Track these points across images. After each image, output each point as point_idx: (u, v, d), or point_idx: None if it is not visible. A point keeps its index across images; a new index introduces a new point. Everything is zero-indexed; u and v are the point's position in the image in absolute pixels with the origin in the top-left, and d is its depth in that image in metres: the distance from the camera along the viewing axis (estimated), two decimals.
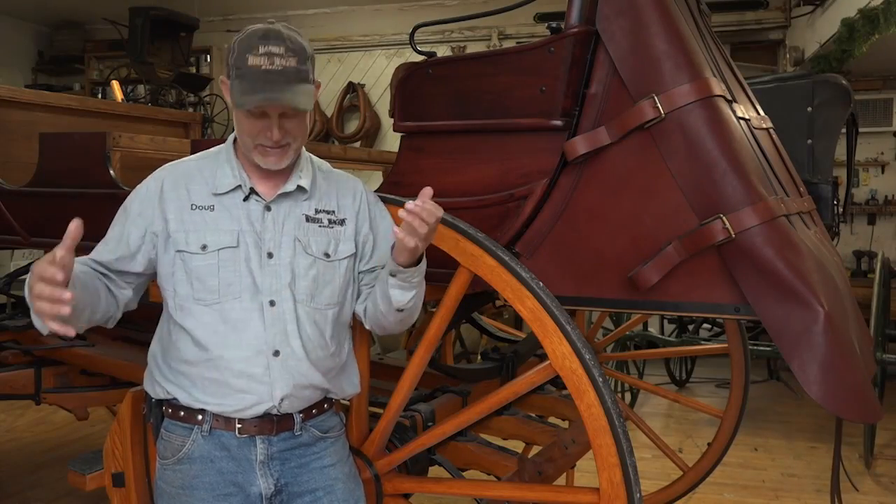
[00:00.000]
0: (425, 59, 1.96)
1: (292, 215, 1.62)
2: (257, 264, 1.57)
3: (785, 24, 6.89)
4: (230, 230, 1.57)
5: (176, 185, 1.61)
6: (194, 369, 1.57)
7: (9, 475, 3.97)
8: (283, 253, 1.59)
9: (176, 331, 1.59)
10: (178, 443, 1.60)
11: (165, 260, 1.59)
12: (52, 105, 3.24)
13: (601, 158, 1.73)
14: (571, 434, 2.31)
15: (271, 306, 1.56)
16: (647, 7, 1.68)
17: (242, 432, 1.58)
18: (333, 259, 1.64)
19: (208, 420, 1.58)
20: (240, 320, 1.55)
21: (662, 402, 5.61)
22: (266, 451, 1.60)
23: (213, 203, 1.59)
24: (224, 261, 1.56)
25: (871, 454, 4.34)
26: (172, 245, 1.57)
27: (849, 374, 1.53)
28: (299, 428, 1.62)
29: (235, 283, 1.56)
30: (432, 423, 2.17)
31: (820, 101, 3.24)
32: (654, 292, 1.66)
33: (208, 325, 1.55)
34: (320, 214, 1.65)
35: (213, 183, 1.60)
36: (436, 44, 7.15)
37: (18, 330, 3.26)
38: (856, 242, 7.08)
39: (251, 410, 1.57)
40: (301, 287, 1.59)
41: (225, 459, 1.59)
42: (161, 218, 1.59)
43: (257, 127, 1.52)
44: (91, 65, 8.55)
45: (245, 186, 1.59)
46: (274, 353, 1.56)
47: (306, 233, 1.62)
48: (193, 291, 1.55)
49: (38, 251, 3.26)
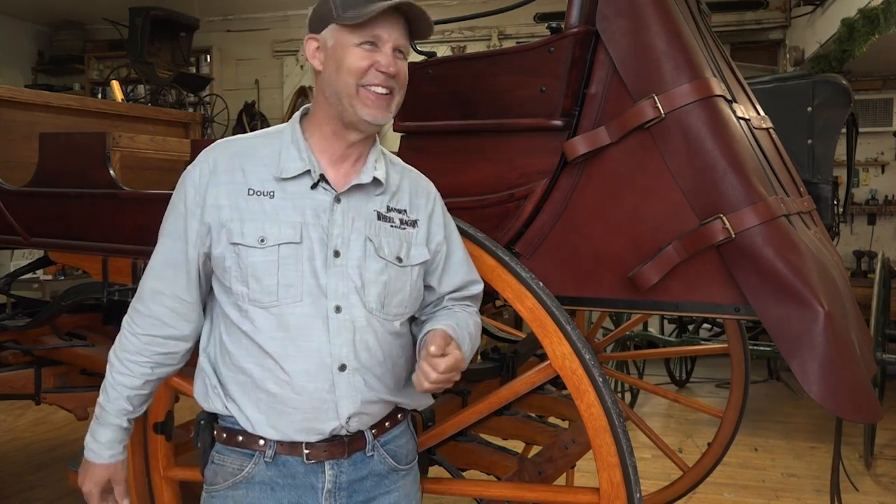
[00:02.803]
0: (425, 59, 1.96)
1: (364, 211, 1.43)
2: (322, 264, 1.37)
3: (785, 24, 6.89)
4: (293, 222, 1.37)
5: (230, 165, 1.40)
6: (246, 378, 1.39)
7: (9, 475, 3.97)
8: (351, 253, 1.39)
9: (233, 333, 1.41)
10: (235, 466, 1.43)
11: (218, 252, 1.39)
12: (52, 105, 3.24)
13: (601, 158, 1.73)
14: (571, 434, 2.32)
15: (337, 312, 1.37)
16: (647, 7, 1.68)
17: (311, 458, 1.40)
18: (406, 264, 1.45)
19: (272, 445, 1.40)
20: (301, 327, 1.36)
21: (662, 402, 5.61)
22: (335, 478, 1.42)
23: (273, 189, 1.39)
24: (284, 258, 1.36)
25: (871, 454, 4.34)
26: (226, 235, 1.37)
27: (849, 374, 1.53)
28: (371, 447, 1.45)
29: (296, 285, 1.36)
30: (432, 423, 2.17)
31: (820, 101, 3.24)
32: (654, 292, 1.66)
33: (264, 332, 1.36)
34: (392, 213, 1.47)
35: (277, 165, 1.40)
36: (436, 44, 7.16)
37: (18, 330, 3.26)
38: (856, 242, 7.08)
39: (316, 431, 1.39)
40: (371, 293, 1.40)
41: (287, 488, 1.41)
42: (214, 206, 1.39)
43: (367, 59, 1.36)
44: (91, 65, 8.56)
45: (315, 172, 1.40)
46: (340, 368, 1.37)
47: (378, 232, 1.43)
48: (249, 291, 1.36)
49: (38, 251, 3.25)
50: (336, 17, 1.38)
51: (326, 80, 1.40)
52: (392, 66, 1.38)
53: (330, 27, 1.40)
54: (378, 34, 1.37)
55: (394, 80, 1.40)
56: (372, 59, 1.37)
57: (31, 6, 7.92)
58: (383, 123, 1.43)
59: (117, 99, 6.50)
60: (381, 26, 1.37)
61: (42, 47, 8.67)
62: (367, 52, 1.37)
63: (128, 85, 7.84)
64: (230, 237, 1.37)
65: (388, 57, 1.38)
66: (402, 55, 1.42)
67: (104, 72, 8.35)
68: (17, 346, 3.23)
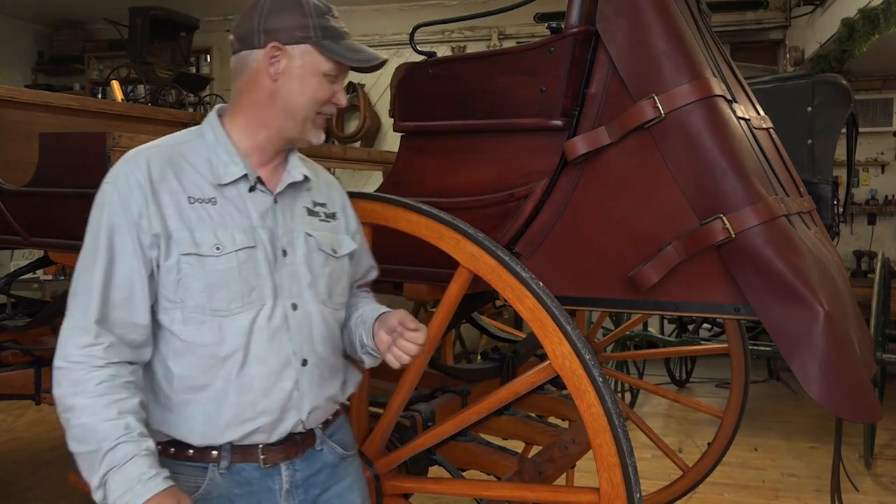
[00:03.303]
0: (425, 59, 1.96)
1: (298, 208, 1.48)
2: (274, 265, 1.40)
3: (785, 24, 6.89)
4: (243, 226, 1.38)
5: (164, 173, 1.35)
6: (207, 395, 1.35)
7: (9, 475, 3.97)
8: (297, 250, 1.44)
9: (181, 353, 1.35)
10: (191, 484, 1.37)
11: (167, 266, 1.33)
12: (52, 105, 3.23)
13: (601, 158, 1.73)
14: (571, 434, 2.31)
15: (294, 310, 1.41)
16: (647, 7, 1.68)
17: (267, 462, 1.41)
18: (339, 255, 1.52)
19: (226, 455, 1.38)
20: (265, 329, 1.37)
21: (662, 402, 5.61)
22: (291, 477, 1.44)
23: (213, 195, 1.38)
24: (243, 263, 1.36)
25: (871, 454, 4.34)
26: (176, 247, 1.33)
27: (849, 374, 1.53)
28: (320, 441, 1.49)
29: (258, 288, 1.37)
30: (432, 423, 2.17)
31: (820, 101, 3.24)
32: (654, 292, 1.66)
33: (228, 340, 1.35)
34: (318, 207, 1.52)
35: (211, 171, 1.39)
36: (436, 44, 7.16)
37: (18, 330, 3.26)
38: (856, 242, 7.08)
39: (278, 431, 1.40)
40: (321, 286, 1.46)
41: (246, 496, 1.40)
42: (158, 215, 1.33)
43: (330, 91, 1.43)
44: (91, 65, 8.55)
45: (251, 176, 1.41)
46: (302, 363, 1.41)
47: (313, 227, 1.48)
48: (210, 301, 1.33)
49: (38, 251, 3.25)
50: (314, 41, 1.39)
51: (283, 95, 1.40)
52: (345, 101, 1.48)
53: (303, 46, 1.39)
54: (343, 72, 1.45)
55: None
56: (332, 91, 1.44)
57: (31, 6, 7.92)
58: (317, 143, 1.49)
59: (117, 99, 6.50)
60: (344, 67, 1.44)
61: (42, 47, 8.67)
62: (329, 83, 1.43)
63: (128, 85, 7.83)
64: (181, 248, 1.33)
65: (343, 93, 1.46)
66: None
67: (104, 72, 8.34)
68: (17, 346, 3.23)
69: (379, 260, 1.87)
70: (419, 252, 1.82)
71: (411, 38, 2.03)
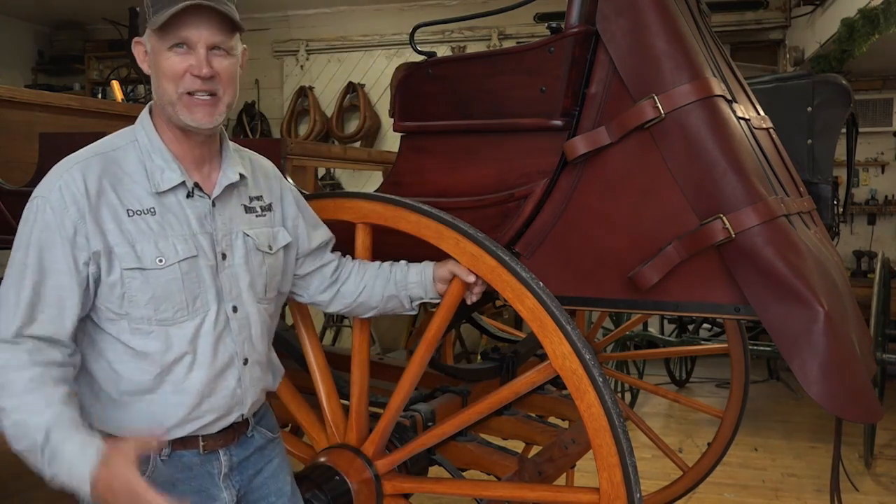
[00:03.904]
0: (425, 59, 1.96)
1: (235, 208, 1.48)
2: (215, 270, 1.42)
3: (785, 24, 6.89)
4: (183, 235, 1.38)
5: (101, 186, 1.33)
6: (154, 397, 1.38)
7: (9, 475, 3.97)
8: (236, 252, 1.46)
9: (126, 360, 1.37)
10: None
11: (110, 282, 1.33)
12: (52, 105, 3.23)
13: (601, 158, 1.73)
14: (571, 434, 2.32)
15: (234, 312, 1.45)
16: (648, 7, 1.68)
17: (206, 448, 1.46)
18: (275, 250, 1.54)
19: (167, 445, 1.42)
20: (211, 334, 1.41)
21: (662, 402, 5.61)
22: (229, 462, 1.51)
23: (152, 205, 1.36)
24: (187, 273, 1.37)
25: (871, 454, 4.34)
26: (118, 262, 1.32)
27: (849, 374, 1.53)
28: (251, 428, 1.56)
29: (201, 295, 1.39)
30: (432, 423, 2.17)
31: (820, 101, 3.24)
32: (654, 292, 1.66)
33: (175, 346, 1.37)
34: (254, 202, 1.52)
35: (147, 180, 1.37)
36: (436, 44, 7.14)
37: None
38: (856, 242, 7.08)
39: (220, 424, 1.46)
40: (259, 286, 1.50)
41: (187, 480, 1.45)
42: (97, 231, 1.31)
43: (182, 64, 1.32)
44: (91, 65, 8.55)
45: (189, 182, 1.40)
46: (244, 362, 1.47)
47: (250, 225, 1.49)
48: (156, 312, 1.34)
49: None
50: (148, 22, 1.34)
51: (153, 87, 1.38)
52: (205, 68, 1.34)
53: (147, 31, 1.36)
54: (186, 35, 1.33)
55: (214, 82, 1.36)
56: (186, 62, 1.34)
57: (31, 6, 7.91)
58: (210, 128, 1.39)
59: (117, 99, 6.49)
60: (186, 27, 1.32)
61: (42, 47, 8.66)
62: (181, 55, 1.34)
63: (128, 85, 7.82)
64: (123, 263, 1.32)
65: (200, 58, 1.33)
66: (222, 52, 1.37)
67: (104, 72, 8.34)
68: None
69: (379, 260, 1.88)
70: (419, 252, 1.82)
71: (411, 38, 2.03)
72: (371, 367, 1.93)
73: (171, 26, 1.32)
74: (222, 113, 1.40)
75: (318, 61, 7.89)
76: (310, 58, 7.89)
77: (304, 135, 7.70)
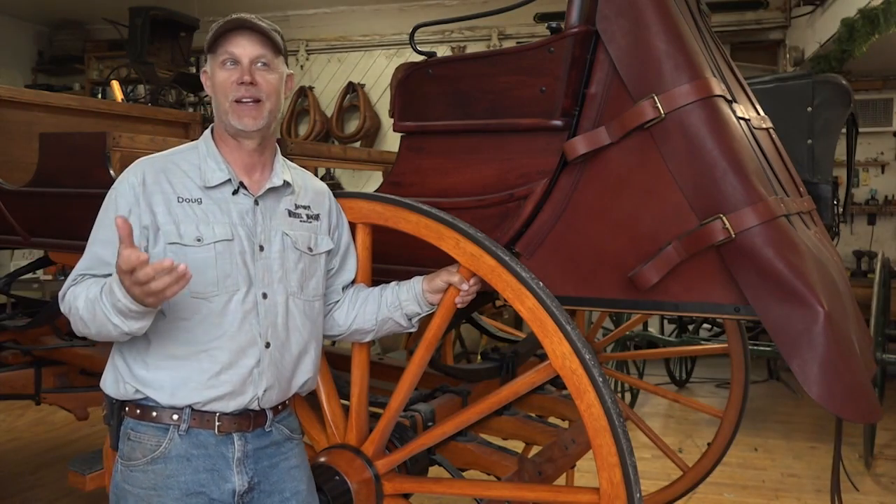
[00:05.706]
0: (425, 59, 1.96)
1: (278, 210, 1.67)
2: (250, 257, 1.61)
3: (785, 24, 6.89)
4: (223, 222, 1.59)
5: (157, 178, 1.60)
6: (183, 363, 1.56)
7: (9, 475, 3.97)
8: (273, 247, 1.64)
9: (162, 325, 1.55)
10: (152, 443, 1.58)
11: (155, 254, 1.54)
12: (52, 105, 3.24)
13: (601, 158, 1.73)
14: (571, 434, 2.32)
15: (264, 298, 1.61)
16: (648, 7, 1.68)
17: (221, 430, 1.59)
18: (315, 253, 1.71)
19: (185, 419, 1.57)
20: (237, 312, 1.58)
21: (662, 402, 5.61)
22: (243, 448, 1.61)
23: (200, 196, 1.60)
24: (220, 253, 1.57)
25: (871, 454, 4.34)
26: (163, 237, 1.56)
27: (849, 374, 1.53)
28: (270, 423, 1.66)
29: (233, 275, 1.58)
30: (432, 423, 2.17)
31: (820, 101, 3.24)
32: (654, 292, 1.66)
33: (205, 318, 1.56)
34: (300, 209, 1.71)
35: (200, 176, 1.61)
36: (436, 44, 7.16)
37: (18, 330, 3.26)
38: (856, 242, 7.08)
39: (235, 403, 1.58)
40: (293, 280, 1.66)
41: (202, 458, 1.58)
42: (148, 211, 1.57)
43: (231, 76, 1.58)
44: (91, 65, 8.56)
45: (234, 181, 1.63)
46: (266, 345, 1.60)
47: (292, 227, 1.68)
48: (190, 285, 1.48)
49: (38, 251, 3.25)
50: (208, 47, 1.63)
51: (213, 105, 1.66)
52: (247, 76, 1.59)
53: (209, 58, 1.64)
54: (232, 51, 1.59)
55: (256, 89, 1.60)
56: (233, 76, 1.59)
57: (31, 6, 7.92)
58: (255, 129, 1.61)
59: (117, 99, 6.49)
60: (233, 45, 1.60)
61: (42, 47, 8.67)
62: (229, 70, 1.60)
63: (128, 85, 7.83)
64: (167, 238, 1.56)
65: (244, 68, 1.59)
66: (265, 66, 1.61)
67: (104, 72, 8.34)
68: (17, 346, 3.23)
69: (379, 260, 1.88)
70: (419, 252, 1.82)
71: (411, 38, 2.03)
72: (371, 367, 1.93)
73: (220, 46, 1.61)
74: (265, 117, 1.61)
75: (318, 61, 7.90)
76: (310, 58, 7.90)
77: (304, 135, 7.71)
